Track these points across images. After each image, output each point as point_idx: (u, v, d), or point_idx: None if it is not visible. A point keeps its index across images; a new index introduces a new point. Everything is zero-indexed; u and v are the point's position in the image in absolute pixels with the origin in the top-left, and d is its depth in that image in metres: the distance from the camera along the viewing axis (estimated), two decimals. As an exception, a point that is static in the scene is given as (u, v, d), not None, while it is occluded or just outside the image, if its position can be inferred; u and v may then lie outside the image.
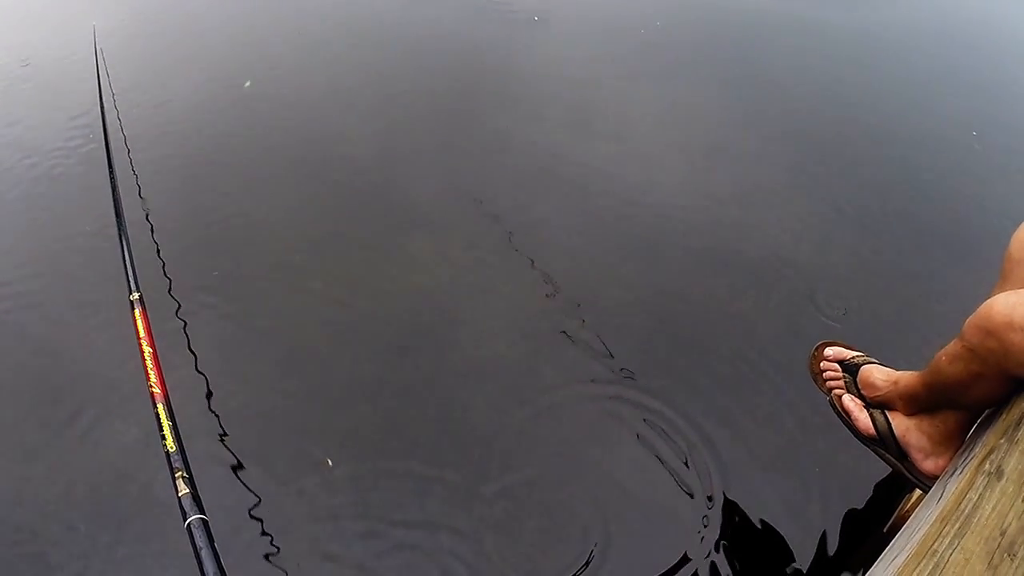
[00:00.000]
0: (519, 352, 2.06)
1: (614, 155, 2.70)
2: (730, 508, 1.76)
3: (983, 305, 1.23)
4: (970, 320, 1.25)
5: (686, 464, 1.82)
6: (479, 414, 1.92)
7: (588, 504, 1.75)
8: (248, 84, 1.70)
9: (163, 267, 2.22)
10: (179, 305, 2.12)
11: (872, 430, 1.51)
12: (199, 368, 1.98)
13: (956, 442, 1.40)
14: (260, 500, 1.72)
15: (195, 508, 1.28)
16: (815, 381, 1.68)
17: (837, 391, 1.60)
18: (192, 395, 1.91)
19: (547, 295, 2.21)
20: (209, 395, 1.92)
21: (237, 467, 1.78)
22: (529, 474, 1.80)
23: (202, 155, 2.66)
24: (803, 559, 1.69)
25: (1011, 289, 1.28)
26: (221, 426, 1.86)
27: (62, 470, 1.77)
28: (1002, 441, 1.14)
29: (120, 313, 1.97)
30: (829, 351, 1.66)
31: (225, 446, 1.82)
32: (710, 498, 1.77)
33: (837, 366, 1.63)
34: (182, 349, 2.01)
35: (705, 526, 1.72)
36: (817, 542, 1.72)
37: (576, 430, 1.89)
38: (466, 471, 1.80)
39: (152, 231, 2.34)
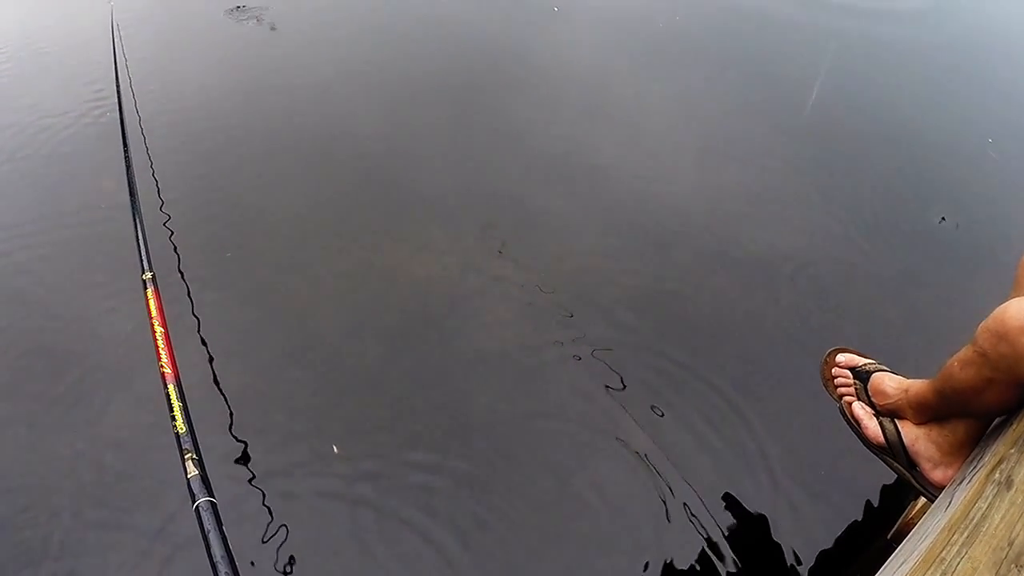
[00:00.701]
0: (527, 344, 2.07)
1: (627, 150, 2.70)
2: (733, 511, 1.77)
3: (997, 310, 1.22)
4: (983, 325, 1.25)
5: (689, 465, 1.82)
6: (485, 406, 1.92)
7: (588, 504, 1.75)
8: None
9: (175, 248, 2.22)
10: (189, 286, 2.12)
11: (881, 438, 1.50)
12: (208, 349, 1.99)
13: (966, 452, 1.40)
14: (267, 484, 1.73)
15: (204, 490, 1.28)
16: (826, 387, 1.67)
17: (847, 398, 1.60)
18: (200, 377, 1.91)
19: (556, 287, 2.21)
20: (216, 377, 1.93)
21: (244, 450, 1.79)
22: (530, 467, 1.81)
23: (215, 139, 2.67)
24: (805, 563, 1.69)
25: (1024, 296, 1.27)
26: (229, 408, 1.87)
27: (69, 447, 1.78)
28: (1012, 451, 1.14)
29: (131, 291, 1.99)
30: (841, 357, 1.66)
31: (231, 430, 1.83)
32: (713, 501, 1.77)
33: (848, 373, 1.63)
34: (191, 330, 2.02)
35: (707, 529, 1.72)
36: (820, 547, 1.72)
37: (580, 425, 1.89)
38: (470, 462, 1.80)
39: (163, 208, 2.34)
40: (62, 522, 1.65)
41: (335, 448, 1.82)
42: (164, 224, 2.30)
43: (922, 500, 1.55)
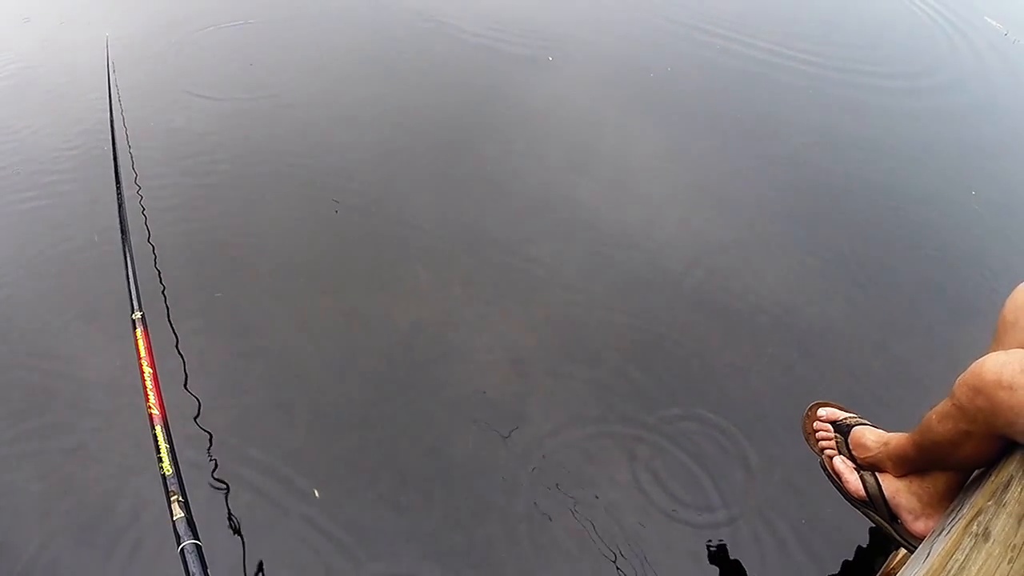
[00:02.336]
0: (511, 389, 2.08)
1: (613, 200, 2.74)
2: (713, 561, 1.77)
3: (974, 364, 1.26)
4: (961, 379, 1.28)
5: (670, 515, 1.83)
6: (469, 450, 1.92)
7: (572, 546, 1.76)
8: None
9: (162, 288, 2.23)
10: (174, 324, 2.12)
11: (863, 492, 1.53)
12: (190, 389, 1.98)
13: (946, 503, 1.42)
14: (250, 527, 1.72)
15: (189, 533, 1.28)
16: (807, 441, 1.70)
17: (829, 452, 1.62)
18: (182, 417, 1.90)
19: (541, 333, 2.23)
20: (197, 418, 1.93)
21: (228, 492, 1.78)
22: (514, 511, 1.81)
23: (207, 178, 2.68)
24: (787, 614, 1.69)
25: (1006, 348, 1.31)
26: (209, 451, 1.86)
27: (52, 487, 1.77)
28: (990, 503, 1.16)
29: (119, 330, 1.99)
30: (822, 411, 1.69)
31: (214, 471, 1.82)
32: (693, 551, 1.78)
33: (829, 427, 1.65)
34: (179, 370, 2.01)
35: (690, 577, 1.73)
36: (802, 598, 1.73)
37: (562, 471, 1.90)
38: (452, 508, 1.80)
39: (153, 249, 2.35)
40: (39, 564, 1.63)
41: (316, 492, 1.81)
42: (153, 258, 2.30)
43: (903, 551, 1.57)
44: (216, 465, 1.83)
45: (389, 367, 2.11)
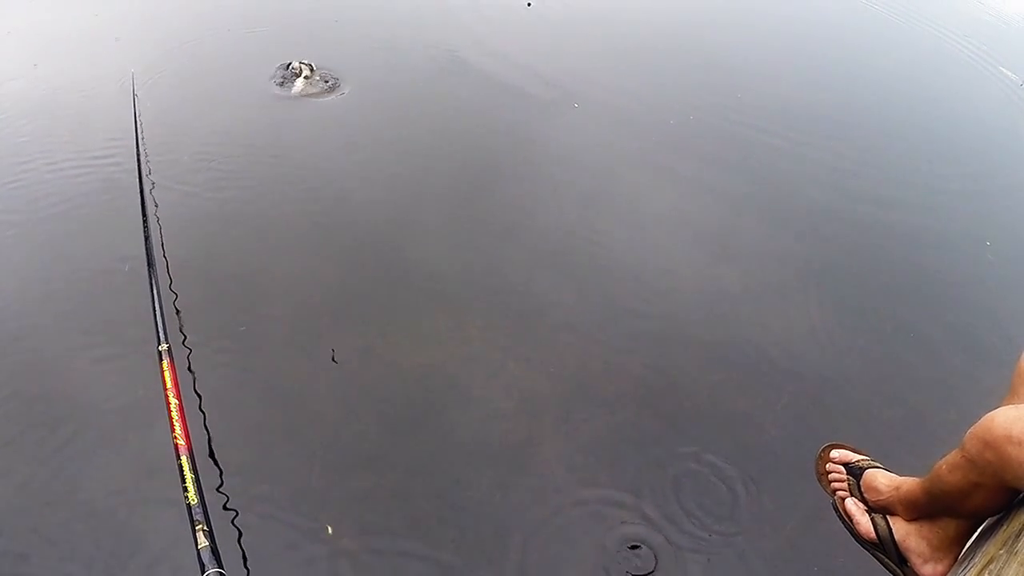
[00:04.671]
0: (525, 433, 2.10)
1: (632, 243, 2.77)
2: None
3: (985, 417, 1.28)
4: (971, 431, 1.31)
5: (682, 560, 1.84)
6: (482, 495, 1.93)
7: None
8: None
9: (179, 321, 2.26)
10: (197, 358, 2.15)
11: (873, 534, 1.55)
12: (207, 423, 2.01)
13: (955, 549, 1.44)
14: (263, 560, 1.74)
15: (214, 562, 1.31)
16: (820, 482, 1.72)
17: (841, 493, 1.65)
18: (201, 450, 1.93)
19: (556, 378, 2.26)
20: (215, 451, 1.95)
21: (242, 526, 1.80)
22: (527, 555, 1.82)
23: (229, 215, 2.72)
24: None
25: (1019, 403, 1.33)
26: (224, 485, 1.88)
27: (76, 514, 1.79)
28: (1001, 552, 1.19)
29: (144, 360, 2.03)
30: (835, 453, 1.72)
31: (226, 504, 1.84)
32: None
33: (842, 468, 1.68)
34: (194, 403, 2.04)
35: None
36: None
37: (575, 516, 1.90)
38: (463, 553, 1.82)
39: (170, 284, 2.39)
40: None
41: (329, 529, 1.83)
42: (174, 302, 2.34)
43: (914, 598, 1.58)
44: (229, 498, 1.85)
45: (404, 408, 2.13)
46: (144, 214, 2.33)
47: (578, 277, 2.60)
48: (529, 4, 4.47)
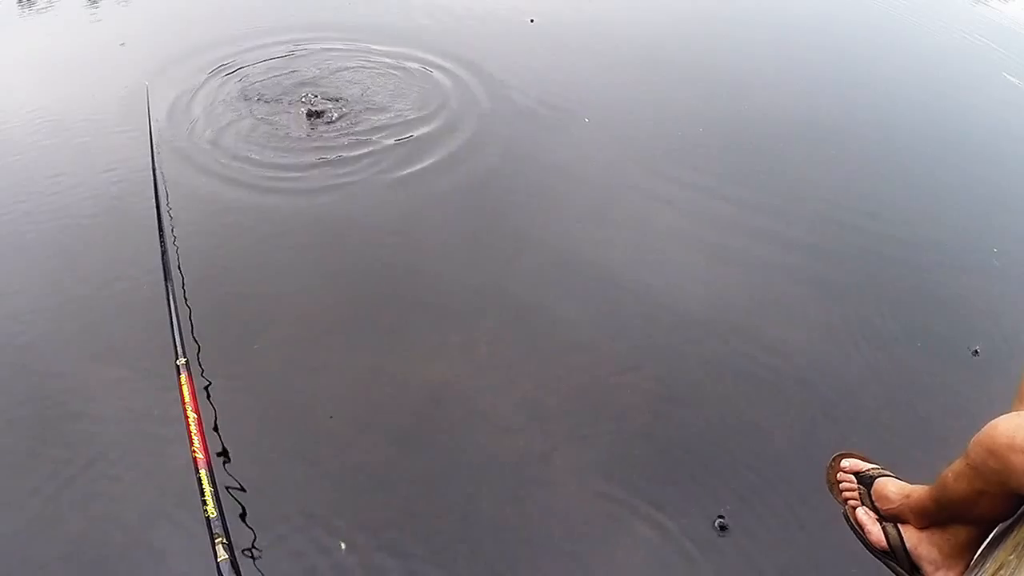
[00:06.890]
0: (535, 448, 2.11)
1: (639, 258, 2.78)
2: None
3: (988, 425, 1.29)
4: (975, 439, 1.32)
5: (695, 571, 1.84)
6: (493, 511, 1.94)
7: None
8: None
9: (192, 332, 2.29)
10: (205, 372, 2.18)
11: (884, 543, 1.56)
12: (222, 438, 2.03)
13: (967, 555, 1.45)
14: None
15: (233, 575, 1.33)
16: (831, 491, 1.73)
17: (852, 503, 1.66)
18: (216, 465, 1.94)
19: (565, 394, 2.27)
20: (228, 465, 1.97)
21: (255, 541, 1.81)
22: (537, 572, 1.83)
23: (242, 234, 2.76)
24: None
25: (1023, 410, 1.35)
26: (238, 499, 1.90)
27: (94, 526, 1.81)
28: (1011, 557, 1.20)
29: (162, 375, 2.06)
30: (846, 463, 1.73)
31: (243, 519, 1.86)
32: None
33: (853, 477, 1.69)
34: (209, 417, 2.06)
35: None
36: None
37: (585, 531, 1.91)
38: (477, 569, 1.83)
39: (185, 300, 2.43)
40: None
41: (342, 545, 1.84)
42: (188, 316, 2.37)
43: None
44: (245, 513, 1.87)
45: (415, 425, 2.15)
46: (160, 228, 2.36)
47: (585, 293, 2.61)
48: (532, 20, 4.52)
